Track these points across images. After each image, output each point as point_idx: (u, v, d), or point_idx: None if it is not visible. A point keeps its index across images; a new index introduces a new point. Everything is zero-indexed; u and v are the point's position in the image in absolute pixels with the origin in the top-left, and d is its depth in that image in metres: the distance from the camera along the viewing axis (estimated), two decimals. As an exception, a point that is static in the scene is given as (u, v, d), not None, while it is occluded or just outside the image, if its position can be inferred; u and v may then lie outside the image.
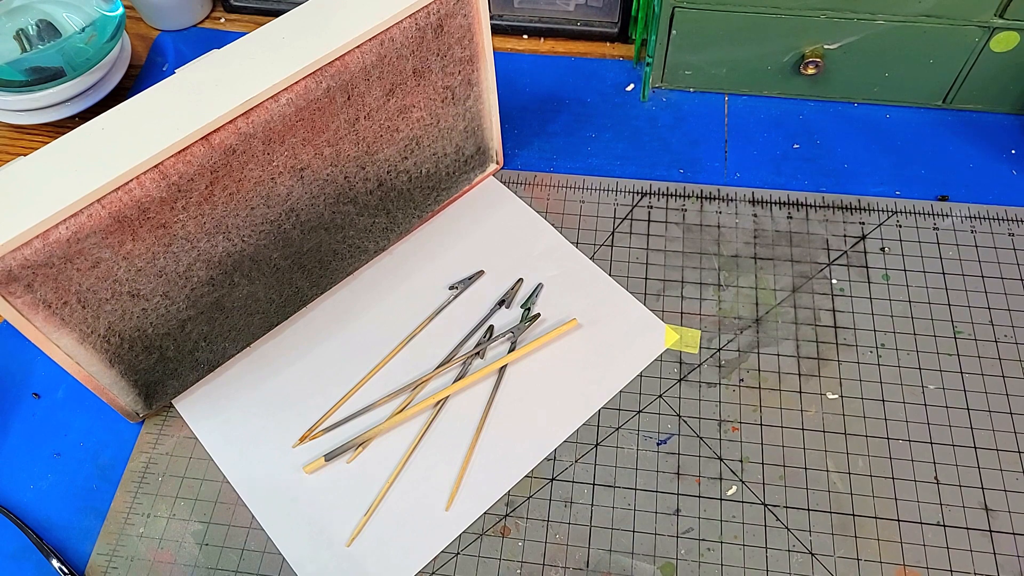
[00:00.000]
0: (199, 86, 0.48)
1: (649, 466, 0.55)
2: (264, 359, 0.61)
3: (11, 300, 0.45)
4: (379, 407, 0.58)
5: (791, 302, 0.62)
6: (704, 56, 0.70)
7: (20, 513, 0.56)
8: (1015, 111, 0.70)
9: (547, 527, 0.54)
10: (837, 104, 0.73)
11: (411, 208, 0.64)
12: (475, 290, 0.63)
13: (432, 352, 0.61)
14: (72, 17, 0.72)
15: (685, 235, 0.65)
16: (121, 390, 0.55)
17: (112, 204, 0.45)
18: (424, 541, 0.53)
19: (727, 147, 0.71)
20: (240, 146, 0.48)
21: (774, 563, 0.52)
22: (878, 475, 0.54)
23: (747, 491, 0.54)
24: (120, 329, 0.52)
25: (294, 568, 0.53)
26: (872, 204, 0.66)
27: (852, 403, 0.57)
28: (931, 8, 0.63)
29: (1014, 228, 0.64)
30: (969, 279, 0.62)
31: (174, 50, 0.81)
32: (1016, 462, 0.55)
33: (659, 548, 0.53)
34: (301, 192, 0.54)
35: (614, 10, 0.76)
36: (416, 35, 0.52)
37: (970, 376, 0.58)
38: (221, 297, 0.56)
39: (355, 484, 0.55)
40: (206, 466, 0.57)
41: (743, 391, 0.58)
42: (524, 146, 0.71)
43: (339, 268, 0.62)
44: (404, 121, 0.57)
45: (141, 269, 0.49)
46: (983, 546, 0.52)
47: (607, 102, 0.74)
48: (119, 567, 0.53)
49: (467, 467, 0.56)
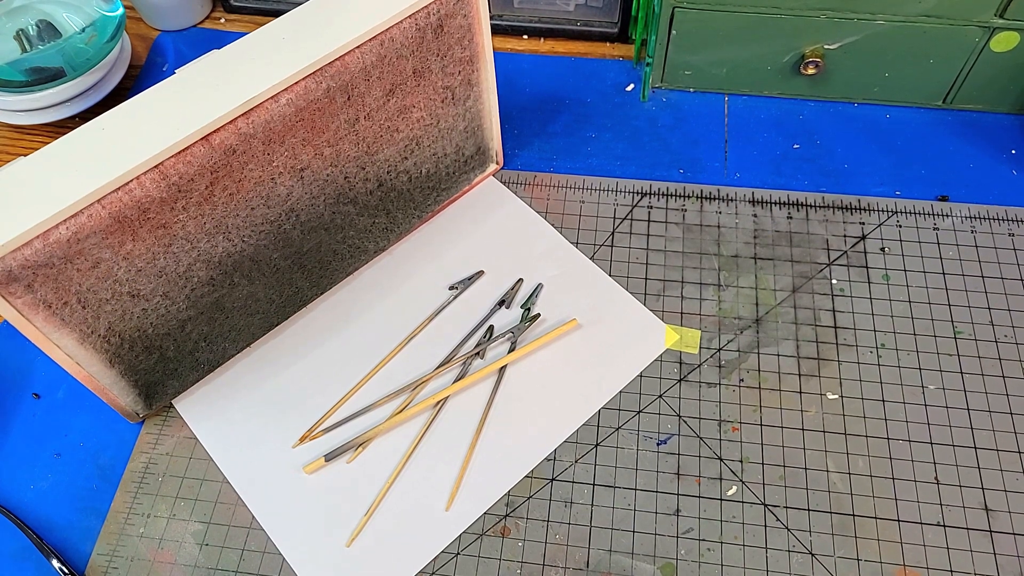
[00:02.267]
0: (199, 86, 0.48)
1: (649, 466, 0.55)
2: (264, 359, 0.61)
3: (11, 300, 0.45)
4: (379, 407, 0.58)
5: (791, 302, 0.62)
6: (704, 56, 0.70)
7: (20, 513, 0.56)
8: (1015, 111, 0.70)
9: (547, 527, 0.54)
10: (837, 104, 0.73)
11: (411, 208, 0.64)
12: (475, 290, 0.63)
13: (432, 352, 0.61)
14: (72, 17, 0.72)
15: (685, 235, 0.65)
16: (121, 390, 0.55)
17: (112, 204, 0.45)
18: (424, 541, 0.53)
19: (727, 147, 0.71)
20: (240, 146, 0.48)
21: (774, 563, 0.52)
22: (878, 475, 0.54)
23: (747, 491, 0.54)
24: (120, 329, 0.52)
25: (294, 568, 0.53)
26: (872, 204, 0.66)
27: (852, 403, 0.57)
28: (931, 8, 0.63)
29: (1014, 228, 0.64)
30: (969, 279, 0.62)
31: (174, 50, 0.81)
32: (1016, 462, 0.55)
33: (659, 548, 0.53)
34: (301, 192, 0.54)
35: (614, 10, 0.76)
36: (416, 35, 0.52)
37: (970, 376, 0.58)
38: (221, 297, 0.56)
39: (355, 484, 0.55)
40: (206, 466, 0.57)
41: (743, 391, 0.58)
42: (524, 146, 0.71)
43: (339, 268, 0.62)
44: (404, 121, 0.57)
45: (141, 269, 0.49)
46: (983, 546, 0.52)
47: (607, 102, 0.74)
48: (119, 567, 0.53)
49: (467, 467, 0.56)
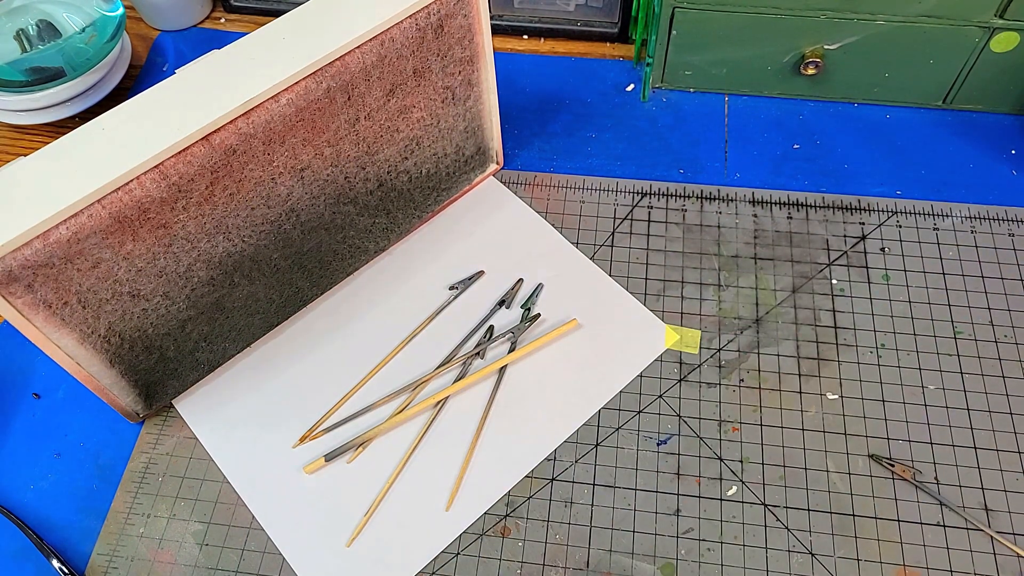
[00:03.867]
0: (199, 86, 0.48)
1: (649, 466, 0.55)
2: (264, 359, 0.61)
3: (11, 300, 0.45)
4: (379, 407, 0.58)
5: (791, 302, 0.62)
6: (704, 56, 0.70)
7: (20, 513, 0.56)
8: (1015, 111, 0.70)
9: (547, 527, 0.54)
10: (837, 104, 0.73)
11: (411, 208, 0.64)
12: (475, 290, 0.63)
13: (432, 352, 0.61)
14: (72, 17, 0.72)
15: (685, 235, 0.65)
16: (121, 390, 0.55)
17: (112, 204, 0.45)
18: (424, 541, 0.53)
19: (727, 147, 0.71)
20: (240, 146, 0.48)
21: (774, 563, 0.52)
22: (878, 475, 0.54)
23: (747, 491, 0.54)
24: (120, 329, 0.52)
25: (294, 568, 0.53)
26: (872, 204, 0.66)
27: (852, 403, 0.57)
28: (931, 8, 0.63)
29: (1014, 228, 0.64)
30: (969, 279, 0.62)
31: (174, 50, 0.81)
32: (1016, 462, 0.55)
33: (659, 548, 0.53)
34: (301, 192, 0.54)
35: (614, 10, 0.76)
36: (416, 35, 0.52)
37: (970, 376, 0.58)
38: (221, 297, 0.56)
39: (355, 484, 0.55)
40: (206, 466, 0.57)
41: (743, 391, 0.58)
42: (524, 146, 0.71)
43: (339, 268, 0.62)
44: (404, 121, 0.57)
45: (141, 269, 0.49)
46: (983, 546, 0.52)
47: (607, 102, 0.74)
48: (119, 567, 0.53)
49: (467, 467, 0.56)
